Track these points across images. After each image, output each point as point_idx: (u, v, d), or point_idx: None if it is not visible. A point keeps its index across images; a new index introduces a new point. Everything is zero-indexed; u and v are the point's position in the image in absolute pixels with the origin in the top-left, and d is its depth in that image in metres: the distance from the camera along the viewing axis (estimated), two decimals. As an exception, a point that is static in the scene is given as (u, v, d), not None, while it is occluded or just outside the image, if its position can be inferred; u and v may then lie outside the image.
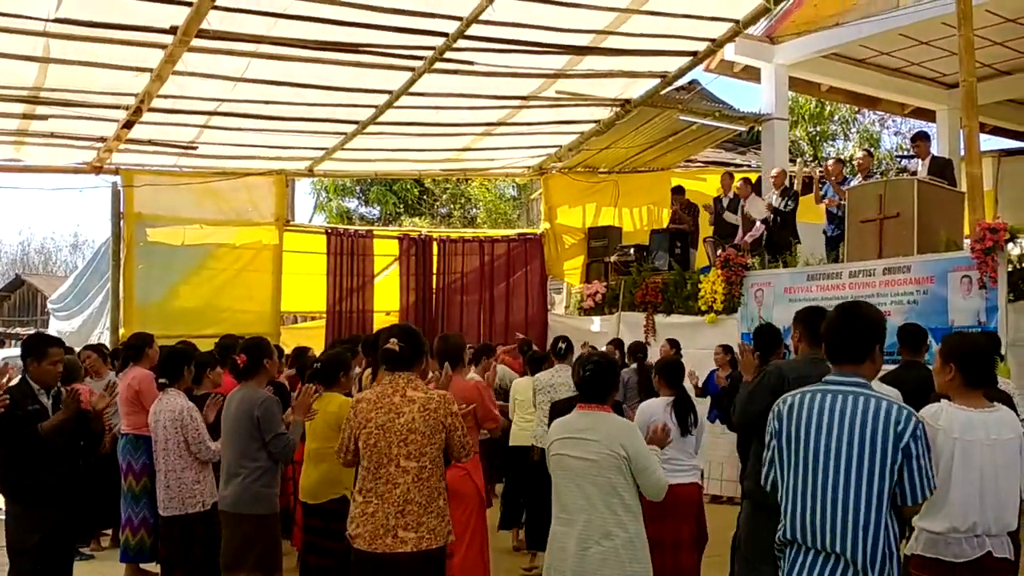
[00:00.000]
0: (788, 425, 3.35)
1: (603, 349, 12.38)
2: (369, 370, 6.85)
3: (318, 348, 13.05)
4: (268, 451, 5.20)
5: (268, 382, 6.23)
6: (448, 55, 10.05)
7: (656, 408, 6.04)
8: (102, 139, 11.22)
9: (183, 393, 5.91)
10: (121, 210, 12.32)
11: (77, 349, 9.44)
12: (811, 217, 12.39)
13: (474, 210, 26.20)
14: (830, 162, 12.13)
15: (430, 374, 4.97)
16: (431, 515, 4.19)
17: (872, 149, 22.83)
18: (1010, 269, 8.25)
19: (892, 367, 6.39)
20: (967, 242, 8.63)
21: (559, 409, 5.69)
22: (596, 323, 13.39)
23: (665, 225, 13.86)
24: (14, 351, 18.33)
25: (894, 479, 3.15)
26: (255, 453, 5.20)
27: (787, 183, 11.94)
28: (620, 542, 4.16)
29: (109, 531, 8.45)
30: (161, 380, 5.95)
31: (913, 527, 4.01)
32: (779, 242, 11.44)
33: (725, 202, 12.71)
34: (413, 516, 4.15)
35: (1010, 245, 8.22)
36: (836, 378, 3.34)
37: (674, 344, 10.29)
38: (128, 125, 10.64)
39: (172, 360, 6.09)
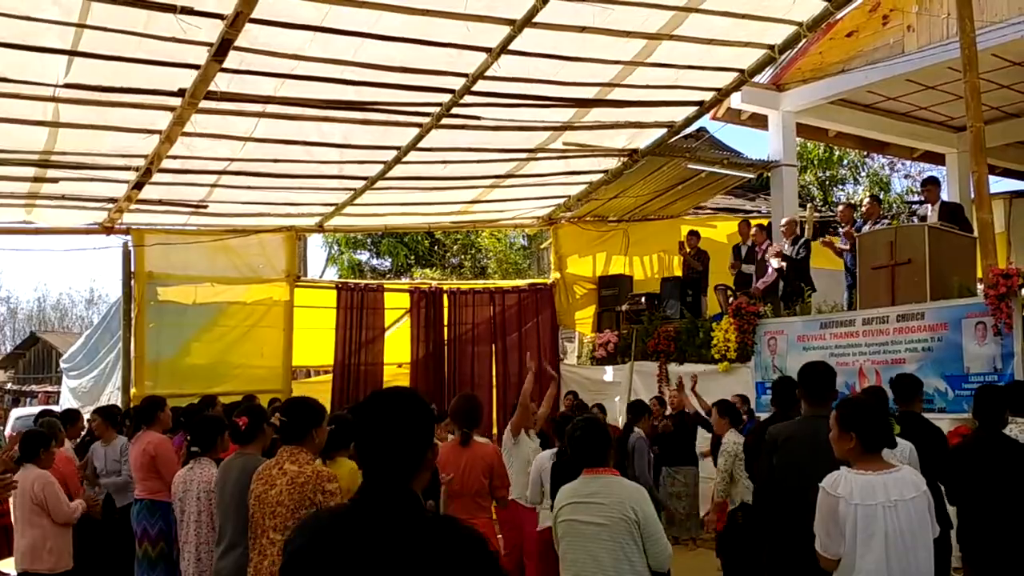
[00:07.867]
0: None
1: (616, 401, 12.39)
2: None
3: (325, 403, 13.10)
4: None
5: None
6: (455, 111, 10.09)
7: (544, 458, 6.39)
8: (112, 200, 11.28)
9: (215, 463, 5.69)
10: (132, 269, 12.31)
11: (88, 409, 9.44)
12: (825, 262, 12.31)
13: (485, 260, 26.21)
14: (840, 207, 12.08)
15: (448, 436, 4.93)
16: None
17: (881, 193, 22.83)
18: (1025, 314, 8.16)
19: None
20: (980, 287, 8.56)
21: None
22: (609, 372, 13.31)
23: (676, 273, 13.79)
24: (31, 409, 18.30)
25: None
26: None
27: (798, 231, 11.84)
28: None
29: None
30: (193, 448, 5.84)
31: None
32: (792, 290, 11.35)
33: (743, 251, 12.62)
34: None
35: (1024, 290, 8.13)
36: None
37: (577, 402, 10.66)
38: (138, 186, 10.69)
39: (206, 429, 5.97)
